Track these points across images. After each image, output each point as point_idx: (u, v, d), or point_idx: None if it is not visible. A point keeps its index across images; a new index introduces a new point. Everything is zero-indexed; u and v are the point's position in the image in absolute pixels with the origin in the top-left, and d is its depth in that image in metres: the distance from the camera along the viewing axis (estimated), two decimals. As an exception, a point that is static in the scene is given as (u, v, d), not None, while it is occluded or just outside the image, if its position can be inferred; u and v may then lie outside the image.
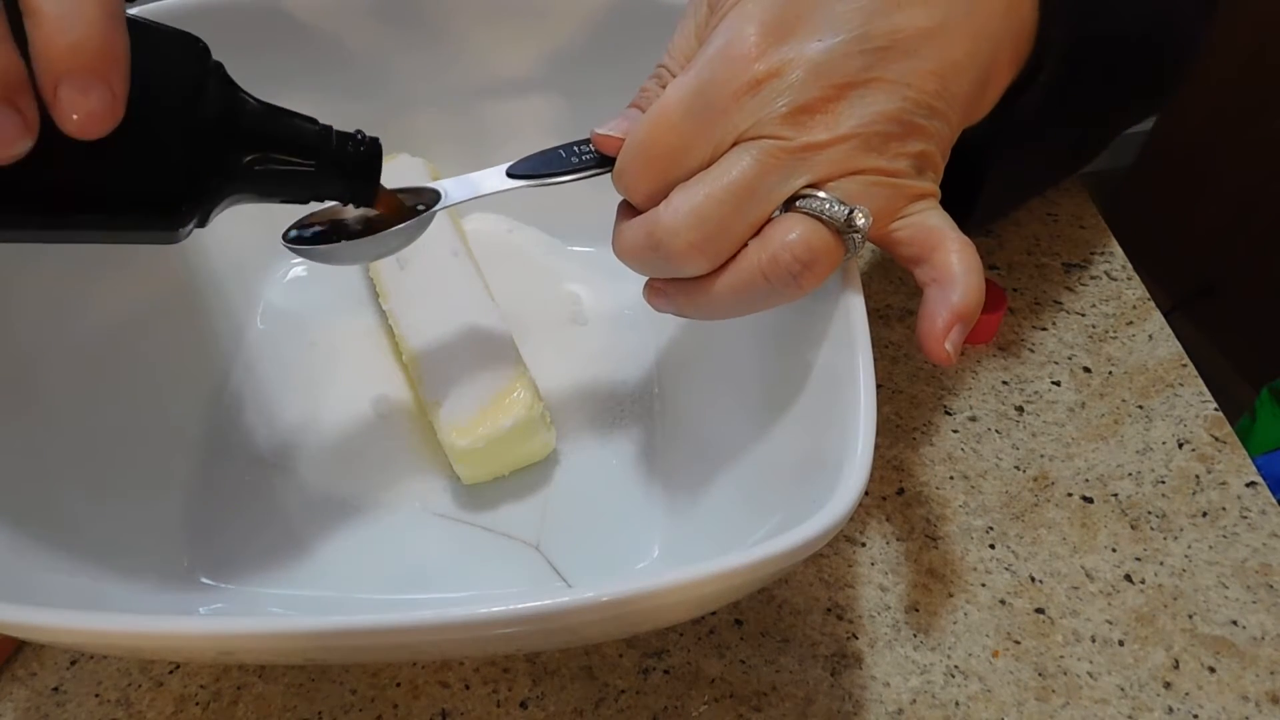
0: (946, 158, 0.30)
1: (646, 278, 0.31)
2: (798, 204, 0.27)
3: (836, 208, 0.27)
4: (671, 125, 0.28)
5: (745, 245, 0.28)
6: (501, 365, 0.38)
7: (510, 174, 0.31)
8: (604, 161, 0.31)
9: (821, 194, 0.27)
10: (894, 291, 0.48)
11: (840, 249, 0.28)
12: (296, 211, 0.31)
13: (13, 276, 0.33)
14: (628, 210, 0.30)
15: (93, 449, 0.34)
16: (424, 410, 0.39)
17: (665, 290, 0.31)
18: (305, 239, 0.31)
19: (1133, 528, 0.39)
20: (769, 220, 0.28)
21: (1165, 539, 0.39)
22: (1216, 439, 0.42)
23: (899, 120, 0.28)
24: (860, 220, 0.27)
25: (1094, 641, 0.36)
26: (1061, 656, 0.35)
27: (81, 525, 0.32)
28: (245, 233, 0.44)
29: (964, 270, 0.29)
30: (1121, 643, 0.36)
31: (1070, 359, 0.45)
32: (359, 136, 0.29)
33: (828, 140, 0.27)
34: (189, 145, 0.26)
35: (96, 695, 0.34)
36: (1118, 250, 0.50)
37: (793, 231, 0.27)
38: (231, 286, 0.44)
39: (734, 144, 0.28)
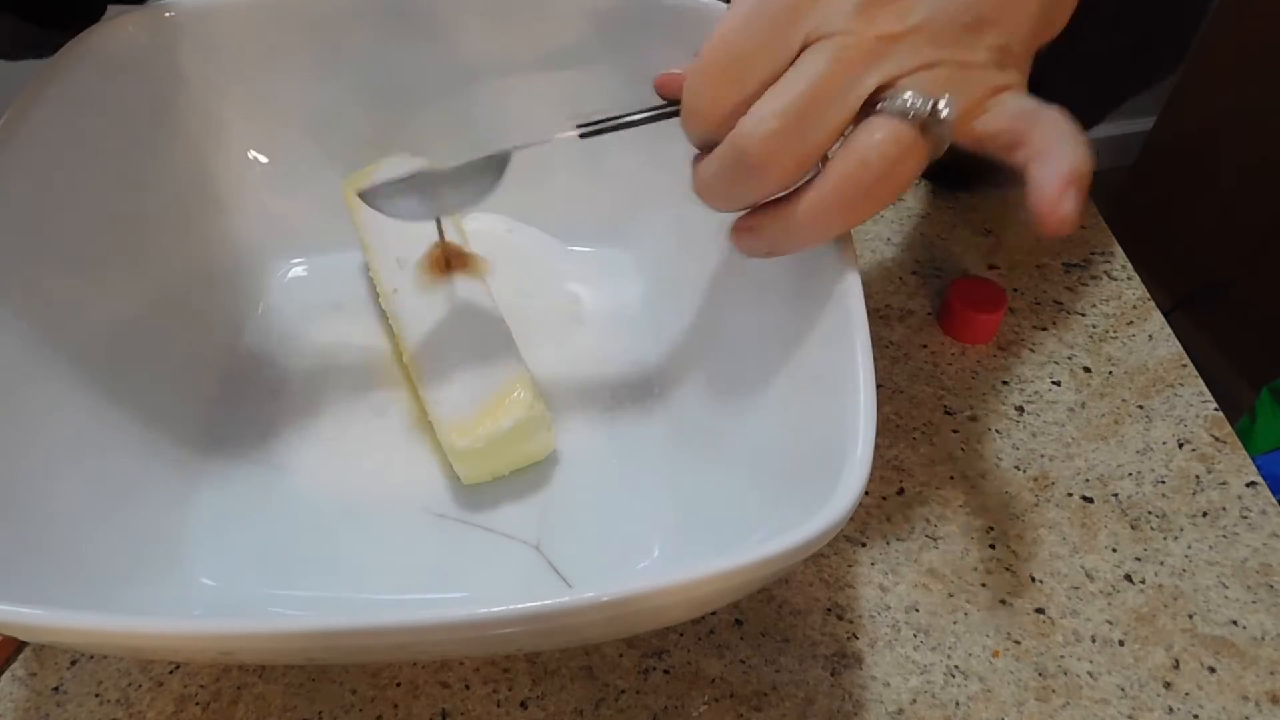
0: (1029, 57, 0.29)
1: (719, 230, 0.30)
2: (878, 107, 0.27)
3: (919, 101, 0.26)
4: (736, 34, 0.27)
5: (829, 158, 0.28)
6: (501, 365, 0.38)
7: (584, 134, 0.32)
8: (669, 106, 0.30)
9: (903, 91, 0.27)
10: (894, 292, 0.48)
11: (925, 145, 0.27)
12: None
13: (11, 277, 0.33)
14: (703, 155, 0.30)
15: (93, 449, 0.34)
16: (424, 410, 0.39)
17: (754, 224, 0.30)
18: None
19: (1133, 528, 0.39)
20: (848, 129, 0.27)
21: (1165, 539, 0.39)
22: (1216, 439, 0.42)
23: (970, 9, 0.27)
24: (945, 111, 0.26)
25: (1094, 641, 0.36)
26: (1062, 656, 0.35)
27: (82, 525, 0.32)
28: (246, 233, 0.45)
29: (1067, 136, 0.27)
30: (1122, 643, 0.36)
31: (1070, 359, 0.45)
32: None
33: (901, 31, 0.27)
34: None
35: (96, 695, 0.34)
36: (1118, 250, 0.50)
37: (878, 132, 0.27)
38: (231, 286, 0.44)
39: (802, 48, 0.27)
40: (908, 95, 0.26)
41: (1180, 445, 0.42)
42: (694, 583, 0.23)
